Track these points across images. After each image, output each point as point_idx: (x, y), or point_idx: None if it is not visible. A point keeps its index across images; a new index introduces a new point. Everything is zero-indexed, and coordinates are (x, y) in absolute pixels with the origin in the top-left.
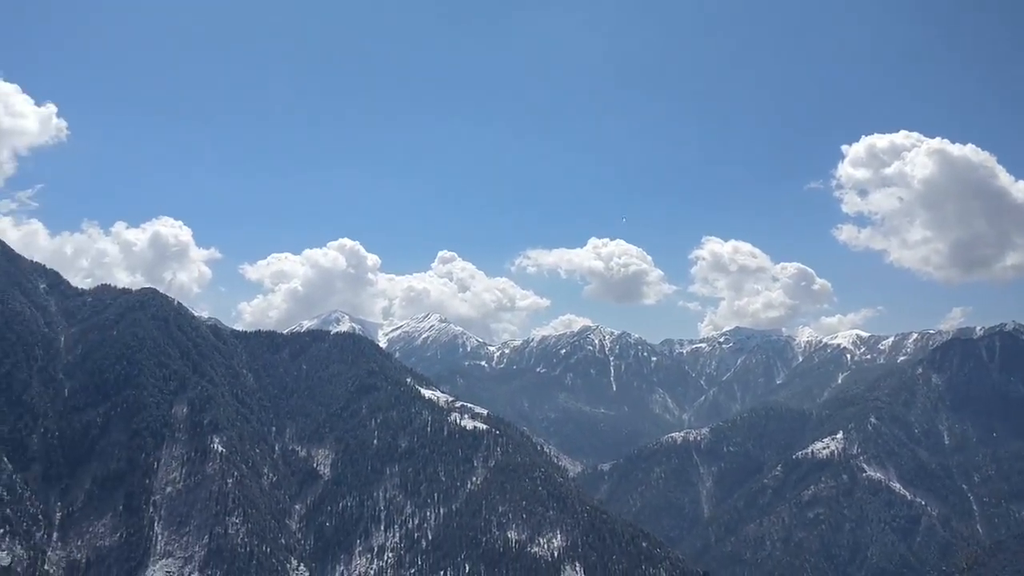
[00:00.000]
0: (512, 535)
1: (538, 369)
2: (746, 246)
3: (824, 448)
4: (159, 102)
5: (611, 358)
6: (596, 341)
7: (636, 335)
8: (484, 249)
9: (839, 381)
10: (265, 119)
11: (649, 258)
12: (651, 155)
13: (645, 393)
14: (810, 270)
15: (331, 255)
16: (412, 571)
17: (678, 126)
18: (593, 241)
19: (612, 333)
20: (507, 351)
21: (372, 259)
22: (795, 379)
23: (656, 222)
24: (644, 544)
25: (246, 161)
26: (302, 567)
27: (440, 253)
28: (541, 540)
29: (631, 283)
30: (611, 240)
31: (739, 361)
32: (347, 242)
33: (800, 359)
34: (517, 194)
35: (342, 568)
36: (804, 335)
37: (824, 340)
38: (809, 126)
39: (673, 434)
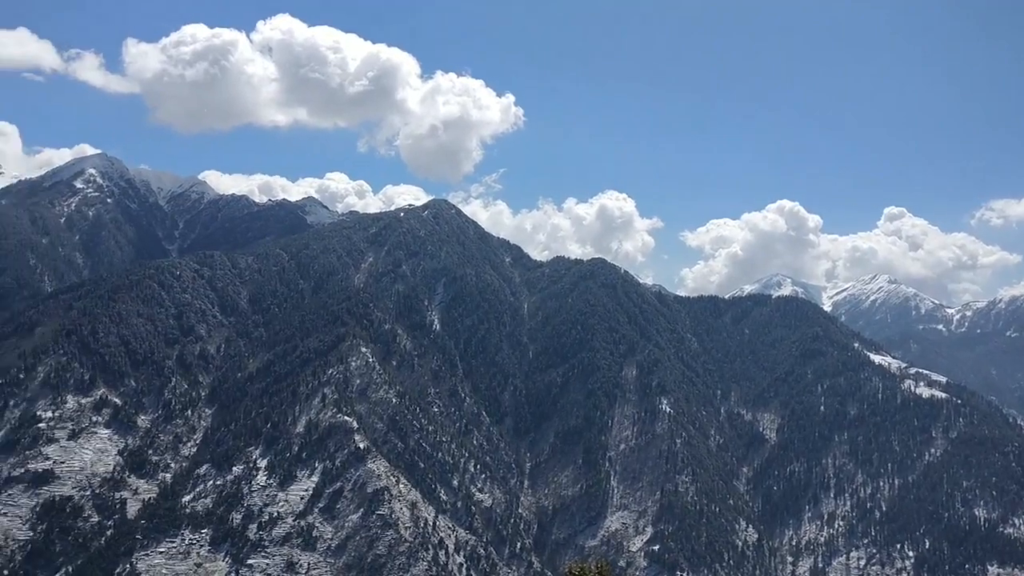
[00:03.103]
0: (980, 513)
1: (1008, 333)
2: None
3: None
4: (602, 84)
5: None
6: None
7: None
8: (938, 202)
9: None
10: (700, 89)
11: None
12: None
13: None
14: None
15: (770, 218)
16: (865, 541)
17: None
18: None
19: None
20: (969, 313)
21: (813, 220)
22: None
23: None
24: None
25: (684, 131)
26: (750, 528)
27: (887, 210)
28: (1016, 521)
29: None
30: None
31: None
32: (786, 203)
33: None
34: (978, 138)
35: (791, 533)
36: None
37: None
38: None
39: None
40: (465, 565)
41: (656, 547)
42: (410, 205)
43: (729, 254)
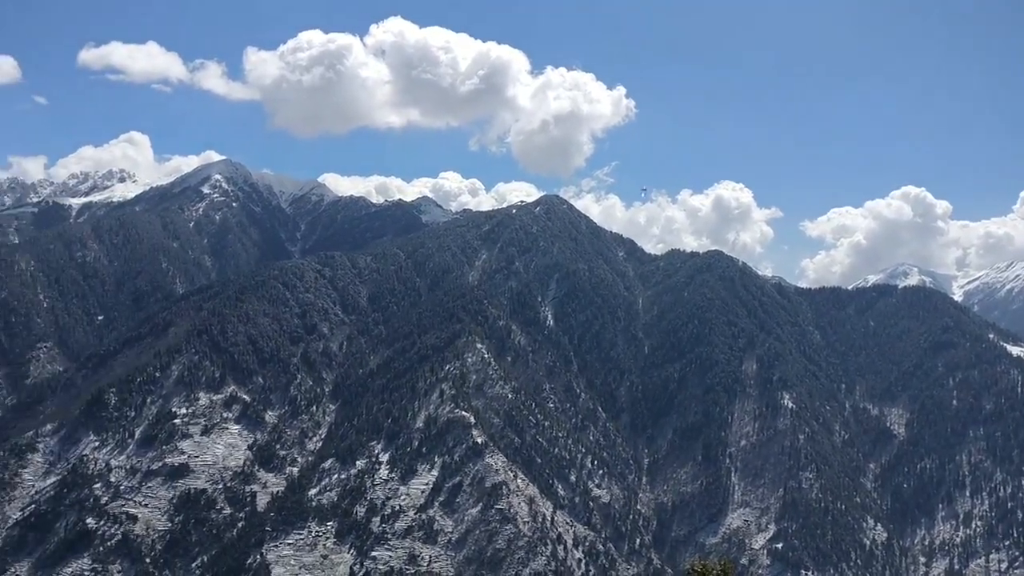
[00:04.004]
0: None
1: None
2: None
3: None
4: (714, 72)
5: None
6: None
7: None
8: None
9: None
10: (816, 72)
11: None
12: None
13: None
14: None
15: (895, 205)
16: (1007, 543)
17: None
18: None
19: None
20: None
21: (941, 206)
22: None
23: None
24: None
25: (802, 117)
26: (879, 527)
27: (1023, 193)
28: None
29: None
30: None
31: None
32: (912, 190)
33: None
34: None
35: (923, 532)
36: None
37: None
38: None
39: None
40: (584, 561)
41: (779, 545)
42: (522, 202)
43: (852, 243)
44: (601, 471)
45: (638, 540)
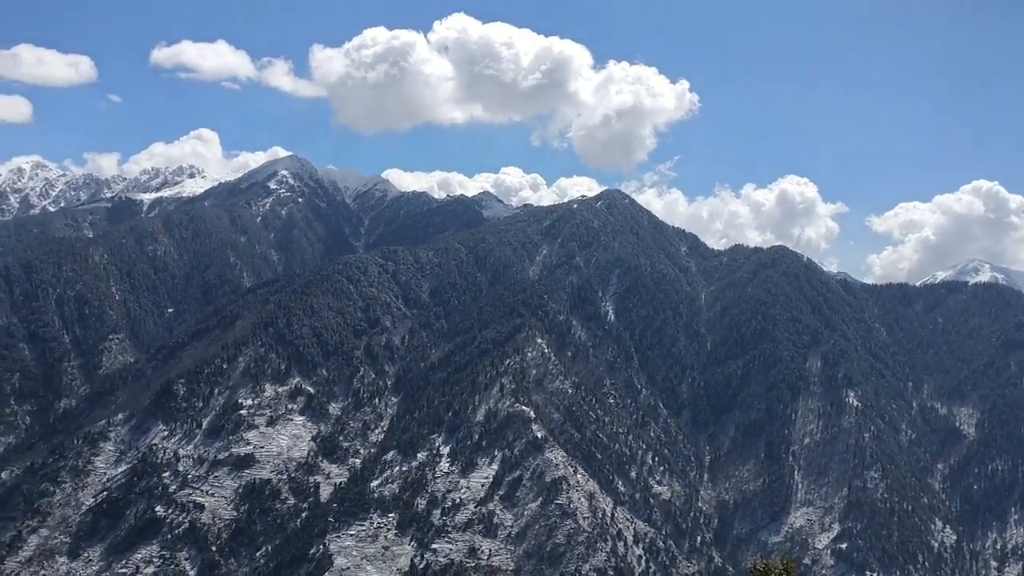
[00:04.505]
0: None
1: None
2: None
3: None
4: (780, 65)
5: None
6: None
7: None
8: None
9: None
10: (882, 63)
11: None
12: None
13: None
14: None
15: (965, 200)
16: None
17: None
18: None
19: None
20: None
21: (1015, 200)
22: None
23: None
24: None
25: (867, 110)
26: (947, 529)
27: None
28: None
29: None
30: None
31: None
32: (984, 183)
33: None
34: None
35: (994, 536)
36: None
37: None
38: None
39: None
40: (644, 557)
41: (844, 545)
42: (583, 196)
43: (920, 239)
44: (662, 468)
45: (699, 538)
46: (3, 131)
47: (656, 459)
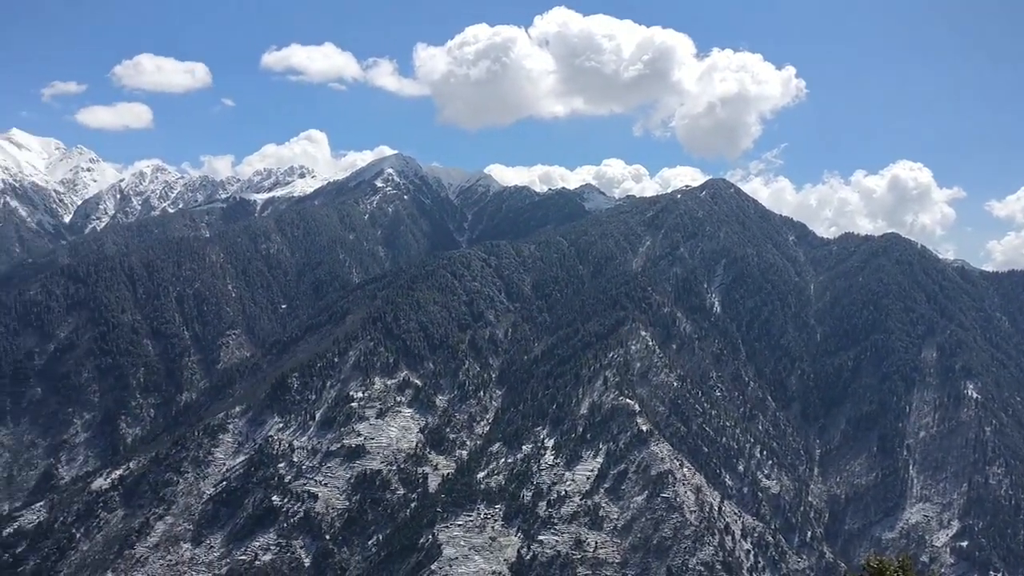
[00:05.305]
0: None
1: None
2: None
3: None
4: (889, 47)
5: None
6: None
7: None
8: None
9: None
10: (1001, 38)
11: None
12: None
13: None
14: None
15: None
16: None
17: None
18: None
19: None
20: None
21: None
22: None
23: None
24: None
25: (986, 89)
26: None
27: None
28: None
29: None
30: None
31: None
32: None
33: None
34: None
35: None
36: None
37: None
38: None
39: None
40: (753, 552)
41: (964, 543)
42: (687, 186)
43: None
44: (770, 461)
45: (809, 533)
46: (126, 137)
47: (764, 453)
